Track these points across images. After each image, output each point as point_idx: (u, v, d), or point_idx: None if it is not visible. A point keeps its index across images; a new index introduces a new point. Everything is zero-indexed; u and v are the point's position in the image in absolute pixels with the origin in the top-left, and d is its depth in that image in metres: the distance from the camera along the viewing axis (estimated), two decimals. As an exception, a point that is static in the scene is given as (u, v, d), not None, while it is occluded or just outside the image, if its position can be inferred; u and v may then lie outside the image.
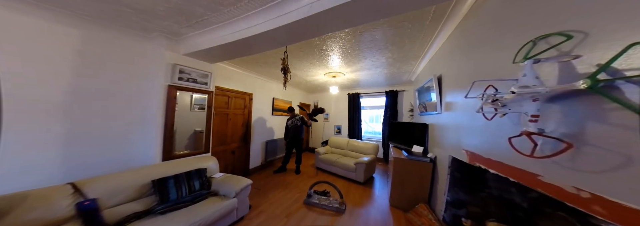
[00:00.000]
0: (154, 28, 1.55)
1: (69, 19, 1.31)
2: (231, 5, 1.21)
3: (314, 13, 1.02)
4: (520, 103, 0.61)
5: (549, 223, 0.61)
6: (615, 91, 0.43)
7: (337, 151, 3.61)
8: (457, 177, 1.32)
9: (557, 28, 0.58)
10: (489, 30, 0.98)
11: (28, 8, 1.17)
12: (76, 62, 1.36)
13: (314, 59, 2.39)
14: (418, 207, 1.81)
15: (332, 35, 1.71)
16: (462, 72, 1.30)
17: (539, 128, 0.55)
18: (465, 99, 1.09)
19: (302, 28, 1.22)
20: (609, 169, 0.45)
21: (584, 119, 0.50)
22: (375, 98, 4.32)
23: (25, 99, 1.18)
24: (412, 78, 3.20)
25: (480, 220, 0.97)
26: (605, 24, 0.47)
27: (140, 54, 1.68)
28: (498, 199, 0.85)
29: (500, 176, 0.81)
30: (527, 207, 0.69)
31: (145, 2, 1.19)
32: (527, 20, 0.72)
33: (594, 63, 0.48)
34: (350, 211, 1.98)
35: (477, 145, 1.04)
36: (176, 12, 1.30)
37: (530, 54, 0.64)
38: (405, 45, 1.88)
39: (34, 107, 1.21)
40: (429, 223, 1.52)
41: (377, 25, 1.50)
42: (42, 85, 1.24)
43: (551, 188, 0.58)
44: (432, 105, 1.94)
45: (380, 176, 3.17)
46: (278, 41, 1.44)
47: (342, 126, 4.71)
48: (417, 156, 1.98)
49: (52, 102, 1.27)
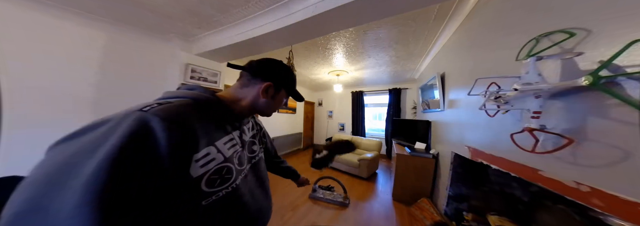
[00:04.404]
0: (170, 30, 1.60)
1: (96, 23, 1.38)
2: (240, 6, 1.24)
3: (319, 13, 1.04)
4: (523, 100, 0.62)
5: (549, 216, 0.63)
6: (617, 87, 0.44)
7: (341, 148, 3.64)
8: (459, 172, 1.33)
9: (559, 25, 0.59)
10: (492, 28, 0.98)
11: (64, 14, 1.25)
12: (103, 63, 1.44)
13: (319, 58, 2.40)
14: (420, 201, 1.84)
15: (337, 34, 1.72)
16: (465, 69, 1.30)
17: (540, 124, 0.56)
18: (468, 96, 1.10)
19: (308, 27, 1.24)
20: (608, 164, 0.46)
21: (585, 115, 0.51)
22: (379, 96, 4.31)
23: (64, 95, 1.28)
24: (415, 76, 3.18)
25: (481, 213, 0.99)
26: (608, 22, 0.47)
27: (158, 54, 1.76)
28: (499, 193, 0.87)
29: (502, 171, 0.83)
30: (528, 201, 0.71)
31: (163, 5, 1.23)
32: (530, 17, 0.73)
33: (596, 60, 0.48)
34: (354, 205, 2.02)
35: (479, 141, 1.06)
36: (189, 13, 1.34)
37: (533, 52, 0.65)
38: (409, 43, 1.87)
39: (66, 101, 1.30)
40: (431, 216, 1.55)
41: (381, 24, 1.50)
42: (76, 83, 1.33)
43: (551, 183, 0.60)
44: (435, 102, 1.94)
45: (384, 172, 3.20)
46: (284, 40, 1.47)
47: (346, 124, 4.73)
48: (419, 152, 2.00)
49: (84, 98, 1.37)
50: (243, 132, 0.51)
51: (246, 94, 0.47)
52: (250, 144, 0.54)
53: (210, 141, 0.37)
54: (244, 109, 0.48)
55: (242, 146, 0.49)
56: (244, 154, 0.49)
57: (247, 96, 0.47)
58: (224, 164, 0.39)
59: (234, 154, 0.43)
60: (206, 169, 0.35)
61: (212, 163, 0.36)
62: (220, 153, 0.39)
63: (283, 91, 0.52)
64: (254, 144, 0.56)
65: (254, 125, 0.61)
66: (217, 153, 0.38)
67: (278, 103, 0.53)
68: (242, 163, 0.47)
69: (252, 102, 0.47)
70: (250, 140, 0.55)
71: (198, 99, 0.39)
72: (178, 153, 0.30)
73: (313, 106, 5.42)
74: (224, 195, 0.39)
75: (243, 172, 0.47)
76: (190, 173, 0.32)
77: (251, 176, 0.50)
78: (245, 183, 0.46)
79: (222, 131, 0.42)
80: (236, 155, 0.44)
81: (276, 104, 0.52)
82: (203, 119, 0.37)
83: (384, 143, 3.98)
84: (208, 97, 0.40)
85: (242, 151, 0.48)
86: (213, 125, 0.40)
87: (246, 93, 0.47)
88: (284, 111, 3.95)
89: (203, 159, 0.34)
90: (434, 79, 1.86)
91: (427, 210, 1.68)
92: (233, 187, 0.41)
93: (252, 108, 0.48)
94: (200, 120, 0.36)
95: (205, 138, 0.36)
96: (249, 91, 0.47)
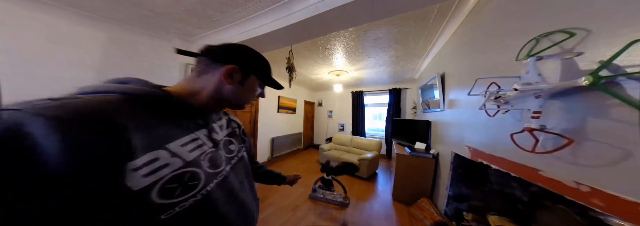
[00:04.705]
0: (170, 30, 1.60)
1: (96, 23, 1.38)
2: (240, 6, 1.24)
3: (320, 13, 1.04)
4: (523, 100, 0.62)
5: (549, 216, 0.63)
6: (617, 87, 0.44)
7: (341, 148, 3.65)
8: (459, 172, 1.33)
9: (560, 25, 0.59)
10: (492, 28, 0.98)
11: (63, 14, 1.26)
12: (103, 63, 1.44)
13: (319, 58, 2.40)
14: (420, 201, 1.84)
15: (337, 34, 1.72)
16: (465, 69, 1.30)
17: (540, 124, 0.56)
18: (468, 96, 1.10)
19: (308, 27, 1.24)
20: (608, 164, 0.46)
21: (585, 115, 0.51)
22: (379, 96, 4.31)
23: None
24: (415, 76, 3.18)
25: (481, 213, 0.99)
26: (608, 22, 0.47)
27: (158, 54, 1.76)
28: (499, 193, 0.87)
29: (502, 171, 0.83)
30: (528, 201, 0.71)
31: (163, 5, 1.23)
32: (530, 17, 0.73)
33: (596, 60, 0.48)
34: (354, 205, 2.03)
35: (479, 141, 1.06)
36: (189, 13, 1.34)
37: (533, 52, 0.65)
38: (409, 43, 1.87)
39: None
40: (431, 216, 1.55)
41: (381, 24, 1.50)
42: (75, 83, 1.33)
43: (551, 182, 0.60)
44: (435, 102, 1.94)
45: (384, 172, 3.20)
46: (284, 40, 1.47)
47: (346, 124, 4.73)
48: (419, 152, 2.00)
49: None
50: (213, 130, 0.43)
51: (206, 83, 0.39)
52: (226, 144, 0.47)
53: (157, 144, 0.30)
54: (206, 102, 0.39)
55: (215, 145, 0.41)
56: (219, 154, 0.42)
57: (207, 85, 0.39)
58: (185, 170, 0.32)
59: (200, 156, 0.36)
60: (156, 178, 0.28)
61: (164, 169, 0.29)
62: (177, 157, 0.32)
63: (253, 77, 0.44)
64: (231, 143, 0.49)
65: (230, 122, 0.54)
66: (171, 158, 0.31)
67: (249, 91, 0.44)
68: (216, 165, 0.39)
69: (215, 92, 0.39)
70: (225, 139, 0.47)
71: (133, 94, 0.31)
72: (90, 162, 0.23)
73: (313, 106, 5.42)
74: (192, 204, 0.32)
75: (220, 175, 0.40)
76: (127, 185, 0.25)
77: (232, 179, 0.43)
78: (223, 188, 0.39)
79: (180, 131, 0.35)
80: (205, 157, 0.37)
81: (247, 92, 0.44)
82: (143, 118, 0.30)
83: (384, 143, 3.99)
84: (149, 91, 0.32)
85: (215, 152, 0.40)
86: (163, 124, 0.32)
87: (205, 82, 0.39)
88: (284, 111, 3.95)
89: (147, 167, 0.27)
90: (434, 79, 1.86)
91: (427, 209, 1.68)
92: (203, 194, 0.34)
93: (217, 99, 0.40)
94: (138, 119, 0.29)
95: (148, 141, 0.29)
96: (209, 78, 0.39)
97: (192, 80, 0.40)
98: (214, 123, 0.46)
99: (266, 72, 0.48)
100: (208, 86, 0.39)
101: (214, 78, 0.39)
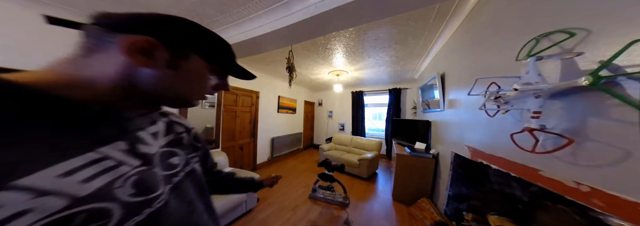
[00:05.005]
0: None
1: None
2: (240, 6, 1.24)
3: (319, 12, 1.04)
4: (523, 100, 0.62)
5: (549, 216, 0.63)
6: (617, 87, 0.44)
7: (341, 148, 3.65)
8: (459, 172, 1.34)
9: (559, 25, 0.59)
10: (492, 27, 0.98)
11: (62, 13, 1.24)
12: None
13: (319, 58, 2.40)
14: (420, 201, 1.84)
15: (337, 34, 1.72)
16: (465, 69, 1.30)
17: (540, 124, 0.57)
18: (468, 96, 1.10)
19: (308, 27, 1.24)
20: (608, 164, 0.46)
21: (585, 115, 0.51)
22: (379, 96, 4.31)
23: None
24: (415, 76, 3.18)
25: (481, 213, 0.99)
26: (608, 22, 0.47)
27: None
28: (499, 193, 0.87)
29: (502, 171, 0.83)
30: (528, 201, 0.71)
31: (163, 5, 1.23)
32: (530, 17, 0.73)
33: (596, 60, 0.48)
34: (354, 205, 2.03)
35: (479, 141, 1.06)
36: (189, 13, 1.34)
37: (533, 52, 0.65)
38: (409, 43, 1.87)
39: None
40: (431, 216, 1.55)
41: (382, 24, 1.50)
42: None
43: (551, 182, 0.60)
44: (435, 102, 1.95)
45: (384, 172, 3.20)
46: (284, 40, 1.47)
47: (346, 124, 4.73)
48: (419, 152, 2.00)
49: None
50: (138, 141, 0.29)
51: (101, 66, 0.25)
52: (164, 157, 0.33)
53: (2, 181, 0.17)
54: (110, 96, 0.25)
55: (146, 162, 0.28)
56: (153, 174, 0.29)
57: (103, 68, 0.25)
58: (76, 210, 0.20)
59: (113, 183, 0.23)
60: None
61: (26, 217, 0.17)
62: (53, 195, 0.19)
63: (195, 57, 0.30)
64: (172, 155, 0.35)
65: (171, 126, 0.39)
66: (35, 199, 0.18)
67: (192, 79, 0.31)
68: (148, 190, 0.27)
69: (123, 79, 0.25)
70: (163, 150, 0.34)
71: None
72: None
73: (313, 106, 5.42)
74: None
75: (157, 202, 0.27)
76: None
77: (175, 204, 0.31)
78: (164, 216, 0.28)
79: (59, 151, 0.20)
80: (123, 183, 0.24)
81: (188, 80, 0.30)
82: None
83: (384, 143, 3.99)
84: None
85: (146, 171, 0.28)
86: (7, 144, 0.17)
87: (100, 65, 0.25)
88: (284, 111, 3.95)
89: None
90: (434, 79, 1.86)
91: (427, 209, 1.69)
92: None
93: (133, 92, 0.26)
94: None
95: None
96: (105, 58, 0.25)
97: (73, 62, 0.25)
98: (140, 130, 0.31)
99: (221, 53, 0.34)
100: (107, 71, 0.25)
101: (115, 57, 0.25)
